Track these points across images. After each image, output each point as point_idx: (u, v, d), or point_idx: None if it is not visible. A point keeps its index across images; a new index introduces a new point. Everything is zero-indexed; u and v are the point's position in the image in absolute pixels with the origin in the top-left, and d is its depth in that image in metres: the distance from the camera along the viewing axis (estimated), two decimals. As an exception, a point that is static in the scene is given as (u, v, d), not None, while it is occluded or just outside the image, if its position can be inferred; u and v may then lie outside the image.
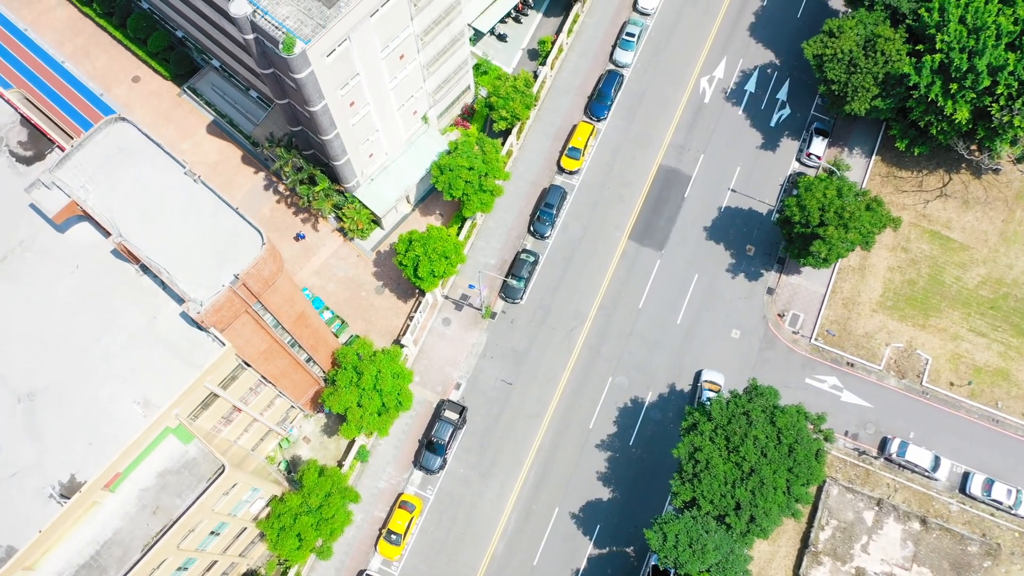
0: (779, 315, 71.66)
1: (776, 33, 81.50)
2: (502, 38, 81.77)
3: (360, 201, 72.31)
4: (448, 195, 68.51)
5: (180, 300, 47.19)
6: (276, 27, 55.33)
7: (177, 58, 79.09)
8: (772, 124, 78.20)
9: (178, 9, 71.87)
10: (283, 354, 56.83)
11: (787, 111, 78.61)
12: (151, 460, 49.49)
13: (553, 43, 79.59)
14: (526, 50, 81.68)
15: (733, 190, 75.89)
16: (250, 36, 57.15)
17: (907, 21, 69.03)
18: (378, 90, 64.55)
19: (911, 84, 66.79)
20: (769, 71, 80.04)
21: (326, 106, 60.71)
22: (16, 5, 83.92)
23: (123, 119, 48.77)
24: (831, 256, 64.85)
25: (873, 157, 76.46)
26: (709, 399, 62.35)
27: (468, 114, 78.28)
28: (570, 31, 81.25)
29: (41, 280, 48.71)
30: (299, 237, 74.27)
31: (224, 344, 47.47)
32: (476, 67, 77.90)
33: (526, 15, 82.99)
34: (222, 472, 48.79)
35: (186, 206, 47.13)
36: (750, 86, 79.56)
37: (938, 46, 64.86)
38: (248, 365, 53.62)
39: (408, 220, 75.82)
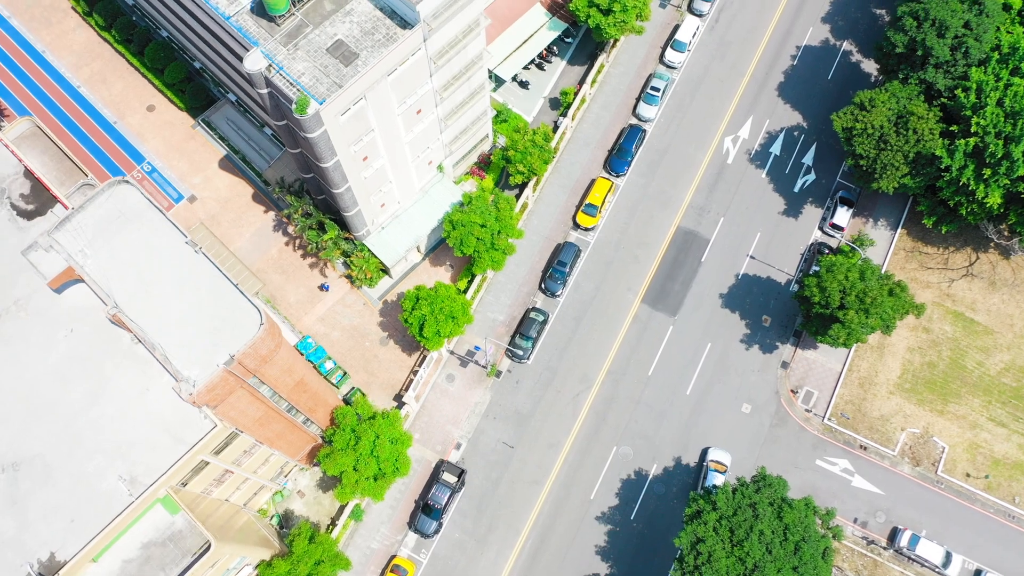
0: (792, 391, 69.52)
1: (805, 94, 79.23)
2: (524, 85, 79.97)
3: (369, 250, 70.80)
4: (459, 251, 66.87)
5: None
6: (290, 84, 53.93)
7: (193, 90, 77.94)
8: (796, 189, 76.03)
9: (196, 44, 70.67)
10: (279, 419, 55.42)
11: (812, 176, 76.41)
12: (136, 530, 48.15)
13: (575, 94, 77.67)
14: (548, 99, 79.79)
15: (752, 256, 73.79)
16: (264, 91, 55.77)
17: (942, 99, 66.75)
18: (393, 144, 63.00)
19: (943, 166, 64.49)
20: (796, 133, 77.85)
21: (338, 162, 59.25)
22: (35, 25, 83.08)
23: (126, 181, 47.44)
24: (849, 341, 62.72)
25: (898, 230, 74.13)
26: (715, 485, 60.36)
27: (484, 163, 76.56)
28: (594, 81, 79.33)
29: (34, 343, 47.42)
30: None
31: (216, 423, 46.01)
32: (495, 116, 76.10)
33: (550, 62, 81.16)
34: (208, 549, 47.41)
35: (184, 278, 45.67)
36: (775, 148, 77.42)
37: (973, 129, 62.55)
38: (242, 431, 52.24)
39: (418, 270, 74.22)
